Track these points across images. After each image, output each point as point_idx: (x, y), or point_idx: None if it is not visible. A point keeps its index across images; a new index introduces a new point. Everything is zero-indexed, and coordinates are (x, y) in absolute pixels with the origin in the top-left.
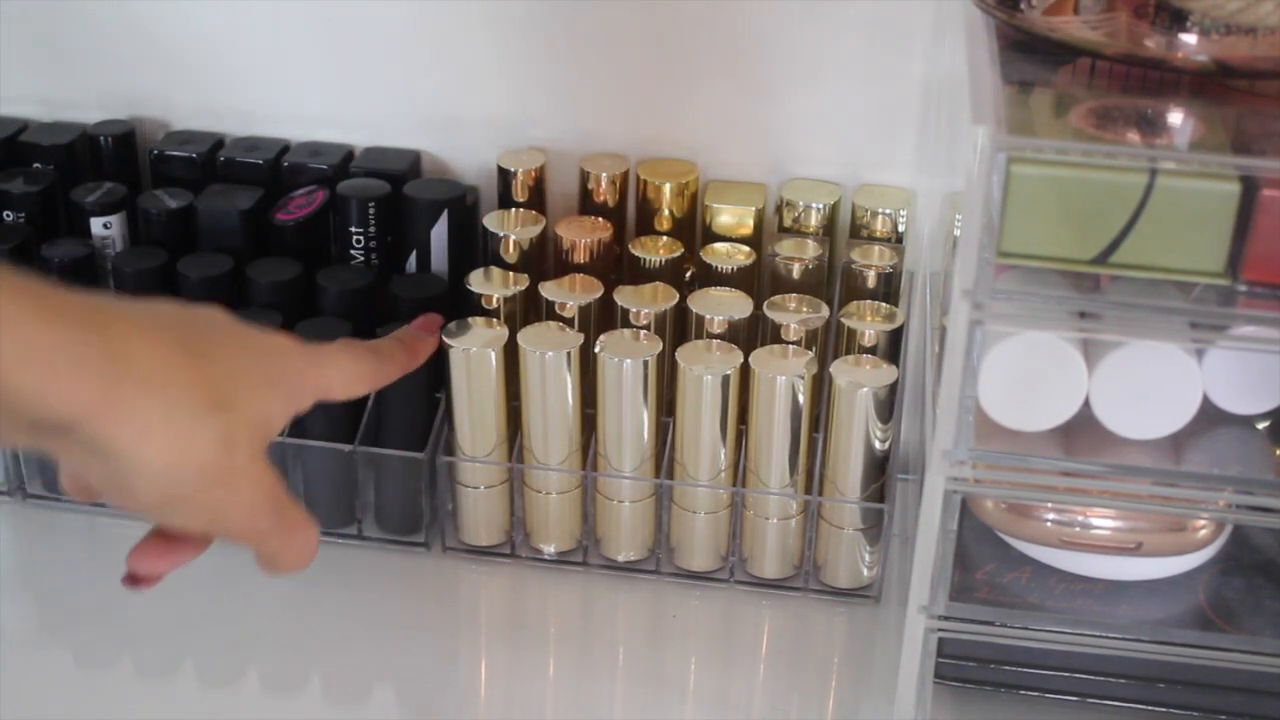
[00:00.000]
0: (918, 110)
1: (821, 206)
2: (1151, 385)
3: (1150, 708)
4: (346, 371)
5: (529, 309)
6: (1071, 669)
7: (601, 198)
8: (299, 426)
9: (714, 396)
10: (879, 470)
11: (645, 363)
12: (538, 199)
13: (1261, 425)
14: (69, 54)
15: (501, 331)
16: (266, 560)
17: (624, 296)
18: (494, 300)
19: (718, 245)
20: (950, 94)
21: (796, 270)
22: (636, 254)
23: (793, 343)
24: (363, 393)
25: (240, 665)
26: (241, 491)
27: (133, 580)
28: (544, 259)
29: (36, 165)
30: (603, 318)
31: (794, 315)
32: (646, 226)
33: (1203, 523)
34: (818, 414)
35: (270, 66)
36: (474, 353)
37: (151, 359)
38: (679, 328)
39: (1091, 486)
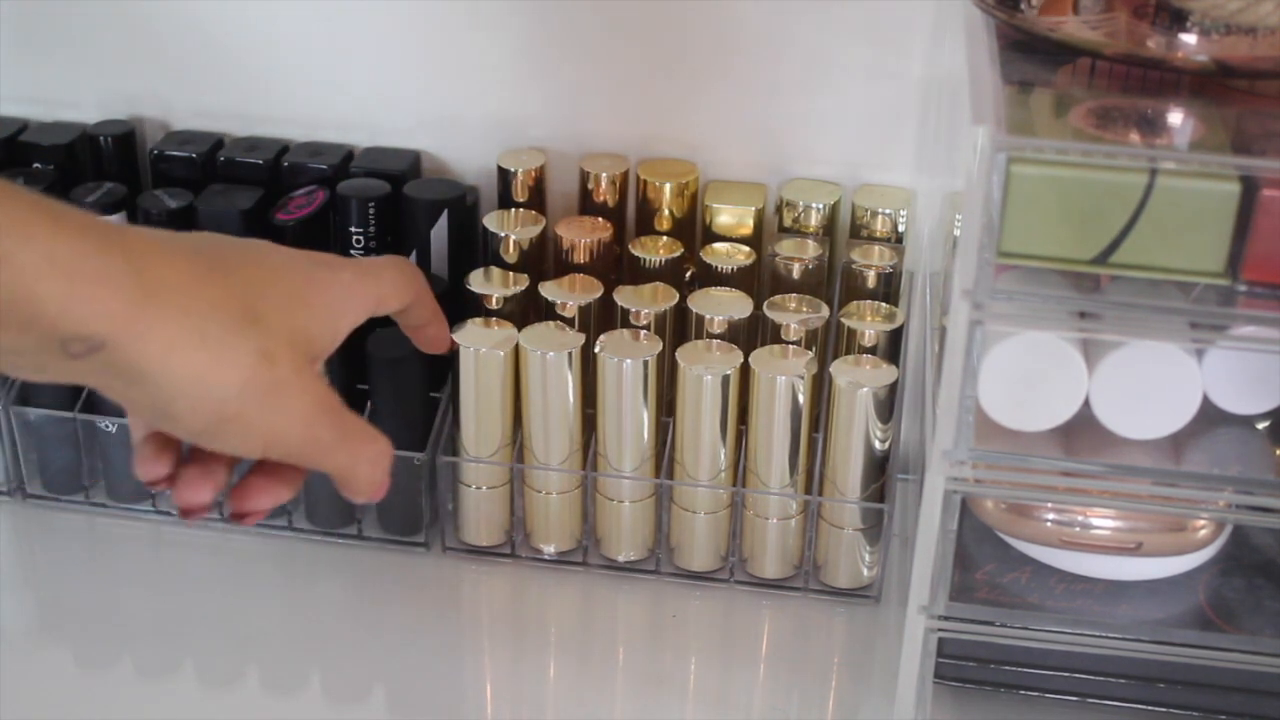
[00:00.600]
0: (918, 110)
1: (821, 206)
2: (1151, 385)
3: (1150, 708)
4: (398, 283)
5: (529, 309)
6: (1071, 669)
7: (601, 198)
8: None
9: (714, 396)
10: (879, 470)
11: (645, 363)
12: (538, 199)
13: (1261, 425)
14: (69, 54)
15: (510, 333)
16: (342, 481)
17: (624, 296)
18: (494, 300)
19: (718, 245)
20: (950, 94)
21: (796, 270)
22: (636, 254)
23: (793, 343)
24: (409, 301)
25: (240, 665)
26: (291, 402)
27: (237, 518)
28: (544, 259)
29: (36, 165)
30: (603, 318)
31: (794, 315)
32: (646, 226)
33: (1203, 523)
34: (818, 414)
35: (270, 66)
36: (483, 354)
37: (175, 275)
38: (679, 328)
39: (1091, 486)
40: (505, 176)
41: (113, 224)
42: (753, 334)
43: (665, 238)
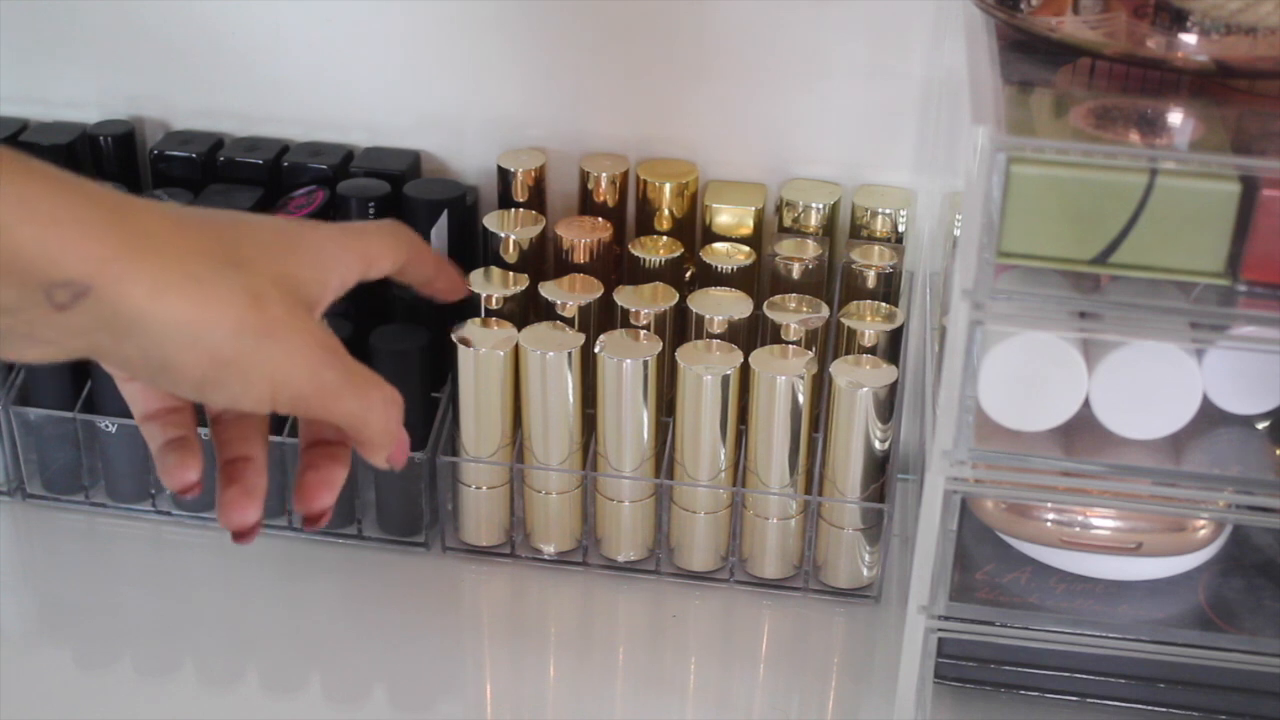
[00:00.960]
0: (918, 110)
1: (821, 206)
2: (1151, 385)
3: (1150, 708)
4: (387, 243)
5: (529, 309)
6: (1071, 669)
7: (601, 198)
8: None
9: (714, 396)
10: (879, 470)
11: (645, 363)
12: (538, 199)
13: (1261, 425)
14: (69, 54)
15: (510, 333)
16: (357, 434)
17: (624, 296)
18: (494, 300)
19: (718, 245)
20: (950, 94)
21: (796, 270)
22: (636, 254)
23: (793, 343)
24: (403, 260)
25: (240, 665)
26: (289, 342)
27: (311, 522)
28: (544, 259)
29: None
30: (603, 318)
31: (794, 315)
32: (646, 226)
33: (1203, 523)
34: (818, 414)
35: (270, 66)
36: (484, 354)
37: (155, 223)
38: (679, 328)
39: (1091, 486)
40: (505, 176)
41: (89, 180)
42: (753, 334)
43: (665, 238)
